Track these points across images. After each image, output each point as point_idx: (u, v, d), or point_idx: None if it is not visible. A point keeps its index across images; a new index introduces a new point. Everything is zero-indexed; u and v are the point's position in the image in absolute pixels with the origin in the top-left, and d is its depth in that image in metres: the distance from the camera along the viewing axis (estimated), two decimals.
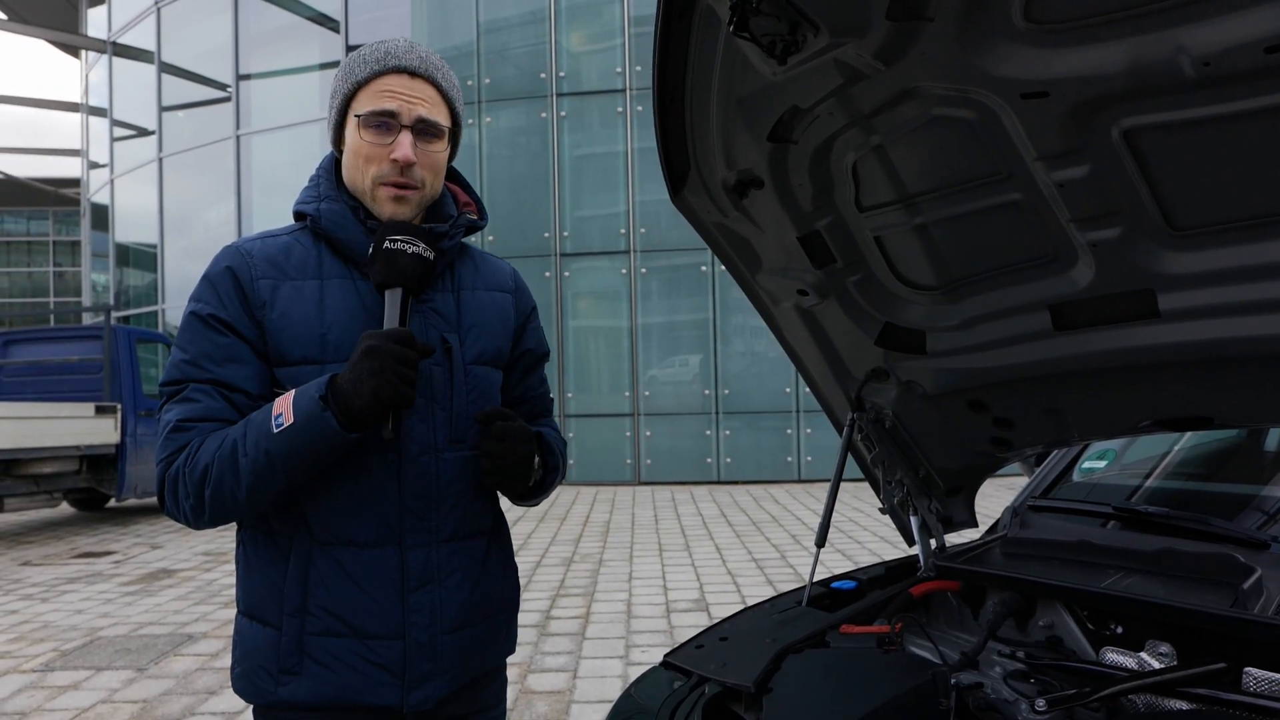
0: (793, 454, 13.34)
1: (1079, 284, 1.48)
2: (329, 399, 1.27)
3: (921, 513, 2.03)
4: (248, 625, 1.44)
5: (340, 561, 1.38)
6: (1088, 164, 1.29)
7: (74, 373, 10.67)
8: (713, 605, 6.01)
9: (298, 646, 1.38)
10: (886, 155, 1.49)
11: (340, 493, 1.39)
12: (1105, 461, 2.20)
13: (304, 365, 1.38)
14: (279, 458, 1.28)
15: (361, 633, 1.38)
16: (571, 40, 14.20)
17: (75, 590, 7.06)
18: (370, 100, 1.42)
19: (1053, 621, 1.69)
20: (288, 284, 1.42)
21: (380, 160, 1.42)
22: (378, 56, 1.43)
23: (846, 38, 1.26)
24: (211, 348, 1.38)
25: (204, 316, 1.39)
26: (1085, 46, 1.15)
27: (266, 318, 1.39)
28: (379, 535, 1.40)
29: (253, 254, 1.43)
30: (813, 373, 2.00)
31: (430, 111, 1.44)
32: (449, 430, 1.45)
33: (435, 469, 1.44)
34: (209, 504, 1.32)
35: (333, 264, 1.45)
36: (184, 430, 1.35)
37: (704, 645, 1.71)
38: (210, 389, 1.36)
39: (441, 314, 1.49)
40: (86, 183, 24.25)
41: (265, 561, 1.42)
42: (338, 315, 1.41)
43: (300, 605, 1.38)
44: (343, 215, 1.46)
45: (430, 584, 1.43)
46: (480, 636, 1.50)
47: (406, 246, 1.36)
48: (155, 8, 19.03)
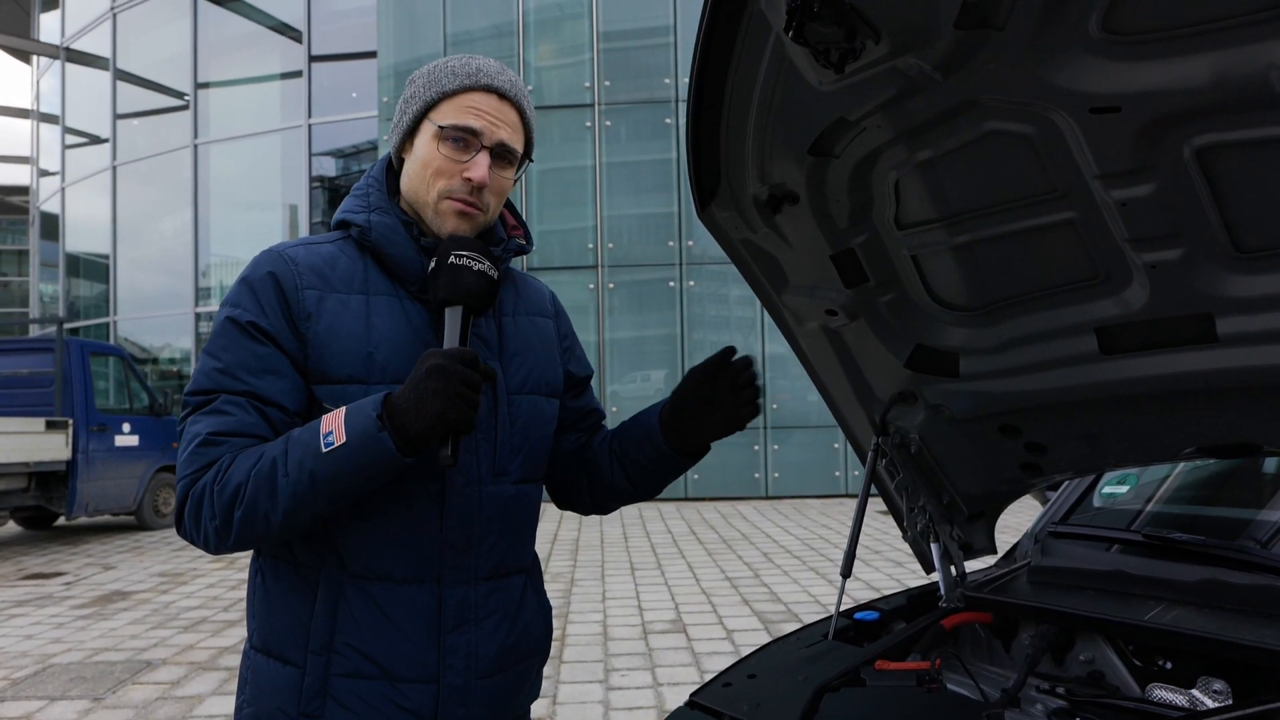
0: (760, 470, 13.32)
1: (1131, 306, 1.42)
2: (385, 419, 1.18)
3: (944, 540, 1.96)
4: (264, 662, 1.33)
5: (374, 597, 1.29)
6: (1153, 182, 1.24)
7: (23, 386, 10.30)
8: (690, 626, 5.91)
9: (321, 688, 1.28)
10: (933, 171, 1.42)
11: (378, 523, 1.30)
12: (1127, 486, 2.16)
13: (349, 384, 1.29)
14: (324, 480, 1.18)
15: (392, 675, 1.29)
16: (539, 54, 14.14)
17: (24, 614, 6.75)
18: (455, 113, 1.35)
19: (1094, 655, 1.63)
20: (333, 296, 1.33)
21: (452, 175, 1.35)
22: (469, 71, 1.37)
23: (909, 47, 1.19)
24: (248, 357, 1.27)
25: (242, 323, 1.28)
26: (1166, 60, 1.10)
27: (311, 330, 1.30)
28: (417, 571, 1.31)
29: (298, 261, 1.34)
30: (835, 395, 1.93)
31: (511, 137, 1.38)
32: (493, 461, 1.38)
33: (478, 502, 1.35)
34: (237, 526, 1.20)
35: (379, 280, 1.37)
36: (214, 444, 1.23)
37: (732, 683, 1.63)
38: (244, 401, 1.26)
39: (484, 341, 1.41)
40: (36, 191, 23.61)
41: (288, 593, 1.32)
42: (386, 334, 1.32)
43: (327, 643, 1.28)
44: (394, 230, 1.37)
45: (467, 625, 1.34)
46: (512, 682, 1.42)
47: (473, 263, 1.29)
48: (111, 14, 18.63)
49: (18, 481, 9.46)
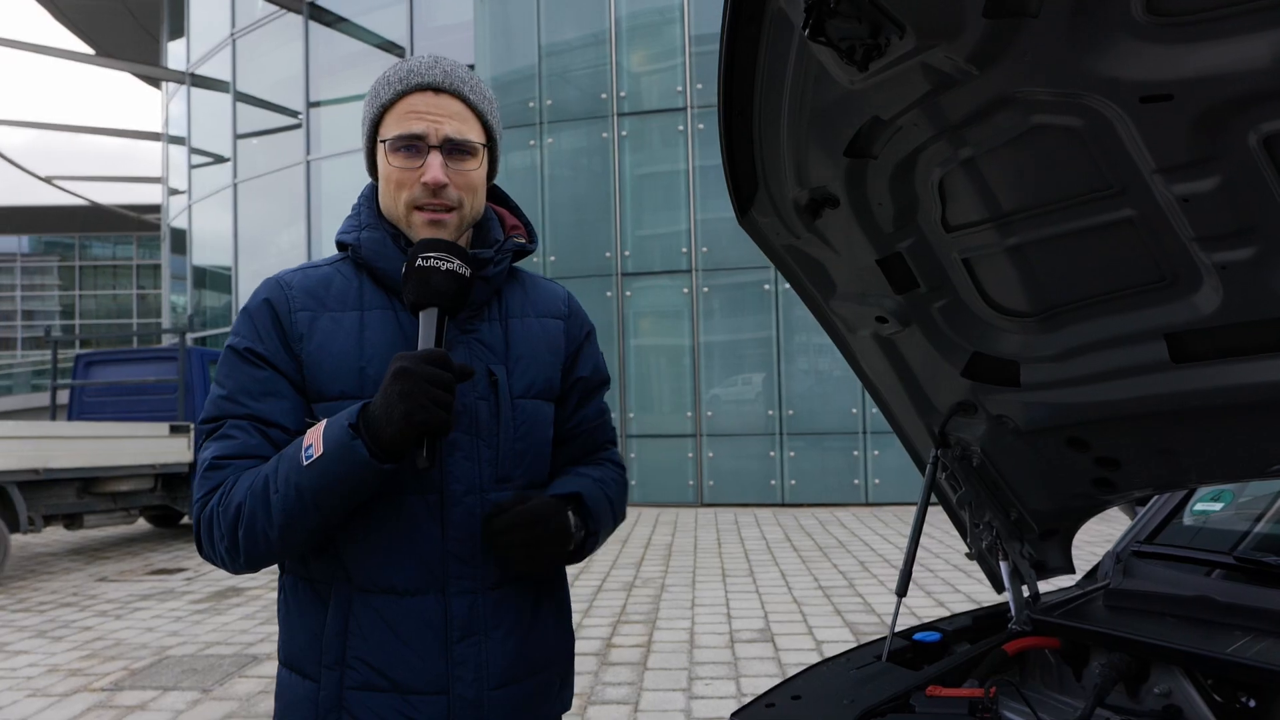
0: (860, 476, 13.01)
1: (1202, 311, 1.31)
2: (359, 427, 1.19)
3: (1013, 558, 1.85)
4: (287, 677, 1.36)
5: (379, 610, 1.30)
6: (1217, 175, 1.13)
7: (151, 393, 10.97)
8: (778, 635, 5.81)
9: (336, 701, 1.30)
10: (978, 169, 1.34)
11: (378, 536, 1.30)
12: (1222, 503, 2.00)
13: (342, 400, 1.29)
14: (309, 492, 1.20)
15: (402, 687, 1.29)
16: (632, 60, 14.20)
17: (147, 607, 7.18)
18: (396, 124, 1.35)
19: (1170, 688, 1.51)
20: (326, 316, 1.35)
21: (411, 184, 1.35)
22: (400, 76, 1.36)
23: (936, 40, 1.12)
24: (248, 382, 1.32)
25: (240, 351, 1.33)
26: (1220, 41, 1.00)
27: (304, 351, 1.33)
28: (420, 582, 1.31)
29: (291, 285, 1.37)
30: (892, 405, 1.84)
31: (458, 129, 1.36)
32: (495, 469, 1.36)
33: (481, 510, 1.34)
34: (243, 545, 1.24)
35: (374, 294, 1.38)
36: (219, 468, 1.28)
37: (775, 704, 1.57)
38: (247, 425, 1.30)
39: (488, 345, 1.40)
40: (166, 208, 25.13)
41: (305, 609, 1.34)
42: (378, 348, 1.33)
43: (339, 657, 1.30)
44: (382, 243, 1.38)
45: (476, 635, 1.33)
46: (530, 693, 1.39)
47: (440, 263, 1.28)
48: (231, 39, 19.66)
49: (146, 482, 10.08)
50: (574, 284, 14.01)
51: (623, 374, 13.75)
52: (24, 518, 8.57)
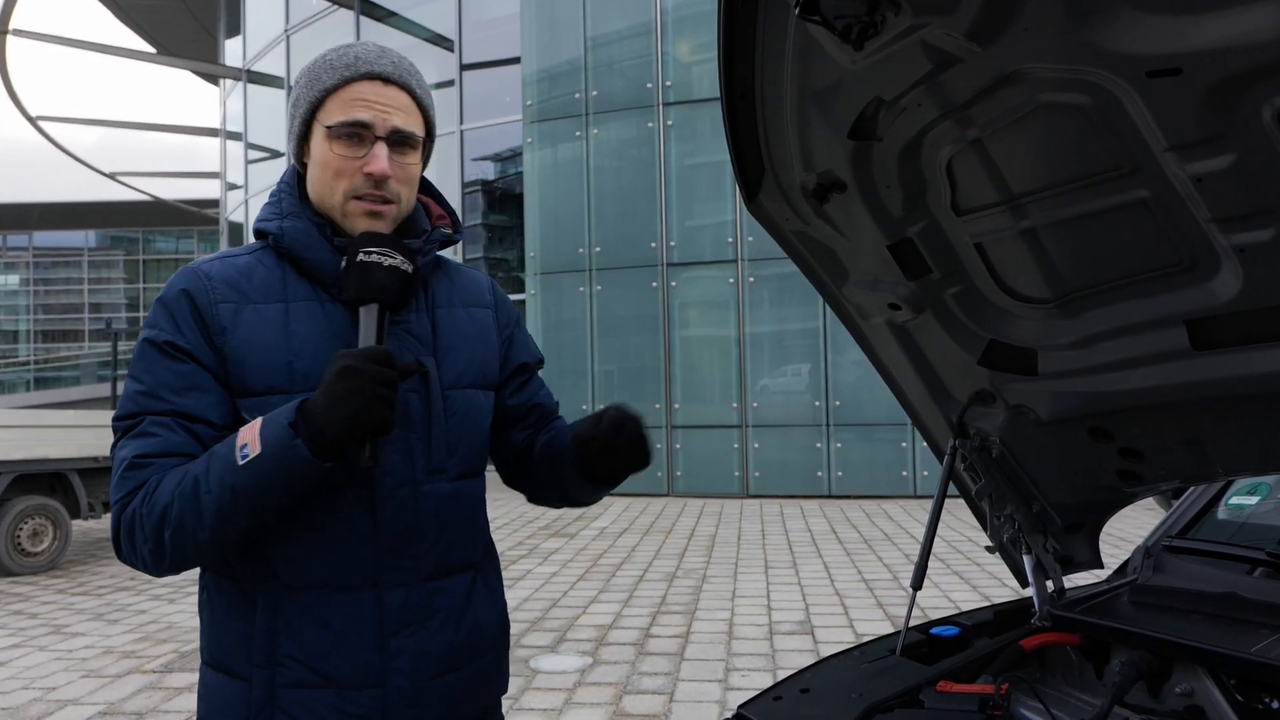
0: (908, 468, 12.83)
1: (1222, 296, 1.25)
2: (299, 425, 1.15)
3: (1036, 551, 1.80)
4: (213, 677, 1.33)
5: (311, 607, 1.27)
6: (1232, 153, 1.08)
7: None
8: (818, 629, 5.76)
9: (269, 700, 1.27)
10: (986, 151, 1.30)
11: (309, 533, 1.27)
12: (1258, 497, 1.92)
13: (270, 395, 1.26)
14: (245, 493, 1.16)
15: (337, 682, 1.27)
16: (679, 50, 14.13)
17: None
18: (341, 109, 1.30)
19: (1193, 688, 1.45)
20: (250, 308, 1.30)
21: (352, 174, 1.30)
22: (347, 62, 1.31)
23: (932, 16, 1.09)
24: (170, 376, 1.26)
25: (160, 344, 1.27)
26: (1227, 10, 0.95)
27: (227, 344, 1.28)
28: (353, 577, 1.28)
29: (211, 276, 1.32)
30: (909, 394, 1.81)
31: (405, 121, 1.33)
32: (427, 460, 1.34)
33: (414, 503, 1.32)
34: (169, 548, 1.19)
35: (298, 285, 1.34)
36: (140, 467, 1.22)
37: (783, 697, 1.55)
38: (169, 421, 1.24)
39: (416, 336, 1.37)
40: (224, 203, 25.74)
41: (230, 609, 1.31)
42: (306, 341, 1.29)
43: (269, 656, 1.27)
44: (307, 233, 1.34)
45: (412, 626, 1.31)
46: (468, 679, 1.38)
47: (383, 259, 1.25)
48: (285, 35, 20.04)
49: None
50: (620, 275, 14.07)
51: (669, 365, 13.74)
52: (84, 504, 8.91)
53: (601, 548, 9.04)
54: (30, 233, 53.65)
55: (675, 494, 13.43)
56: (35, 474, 8.60)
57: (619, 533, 10.03)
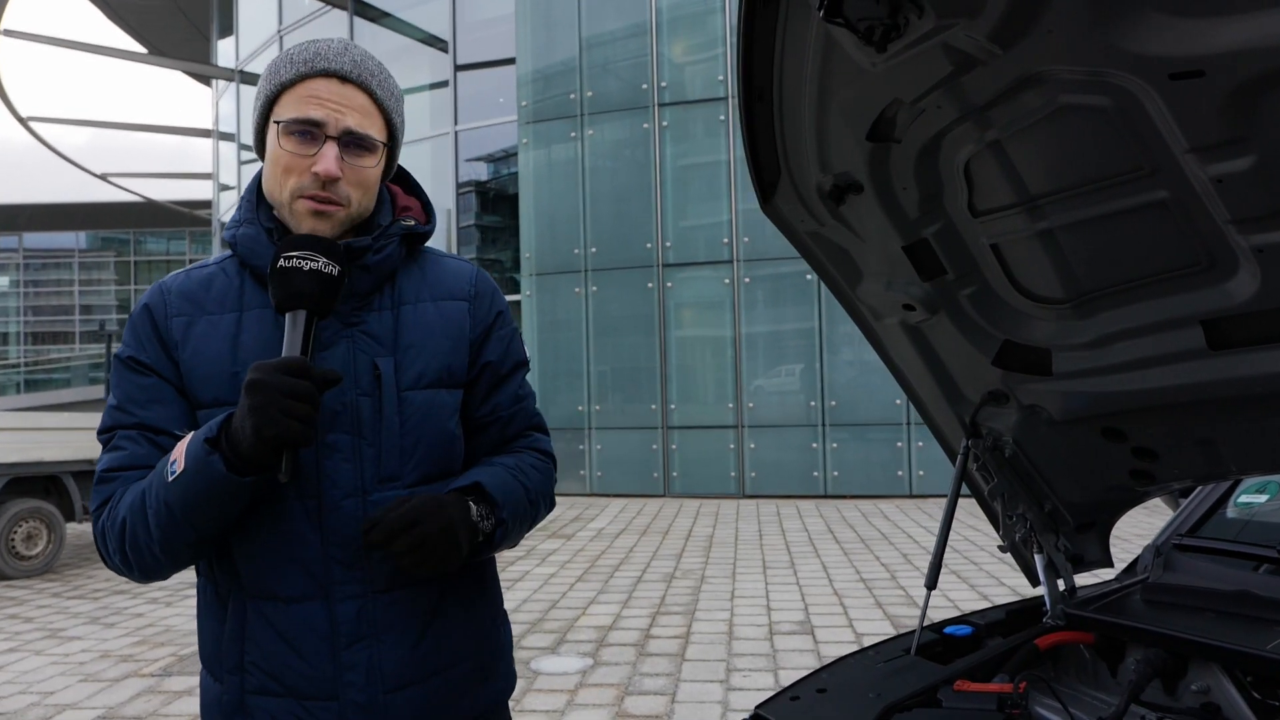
0: (903, 468, 12.85)
1: (1240, 296, 1.26)
2: (219, 440, 1.16)
3: (1048, 550, 1.81)
4: (204, 677, 1.37)
5: (268, 617, 1.27)
6: (1252, 155, 1.09)
7: None
8: (818, 628, 5.77)
9: (239, 704, 1.29)
10: (1004, 152, 1.30)
11: (261, 543, 1.27)
12: (1267, 495, 1.93)
13: (217, 407, 1.25)
14: (177, 507, 1.17)
15: (296, 693, 1.27)
16: (674, 50, 14.14)
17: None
18: (293, 106, 1.27)
19: (1209, 685, 1.46)
20: (203, 320, 1.31)
21: (301, 172, 1.27)
22: (305, 58, 1.28)
23: (956, 18, 1.09)
24: (134, 390, 1.29)
25: (125, 359, 1.31)
26: (1252, 14, 0.96)
27: (180, 358, 1.29)
28: (303, 589, 1.27)
29: (171, 290, 1.34)
30: (921, 395, 1.81)
31: (360, 123, 1.29)
32: (378, 468, 1.30)
33: (362, 513, 1.27)
34: (132, 559, 1.23)
35: (255, 294, 1.32)
36: (108, 481, 1.27)
37: (800, 697, 1.55)
38: (135, 434, 1.28)
39: (374, 336, 1.33)
40: (217, 203, 25.64)
41: (208, 613, 1.33)
42: (253, 350, 1.27)
43: (238, 662, 1.28)
44: (256, 239, 1.32)
45: (365, 640, 1.28)
46: (438, 691, 1.34)
47: (303, 263, 1.21)
48: (278, 35, 19.98)
49: None
50: (616, 276, 14.07)
51: (664, 365, 13.74)
52: (79, 506, 8.87)
53: (599, 549, 9.04)
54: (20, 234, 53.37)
55: (671, 494, 13.44)
56: (29, 477, 8.57)
57: (616, 533, 10.03)
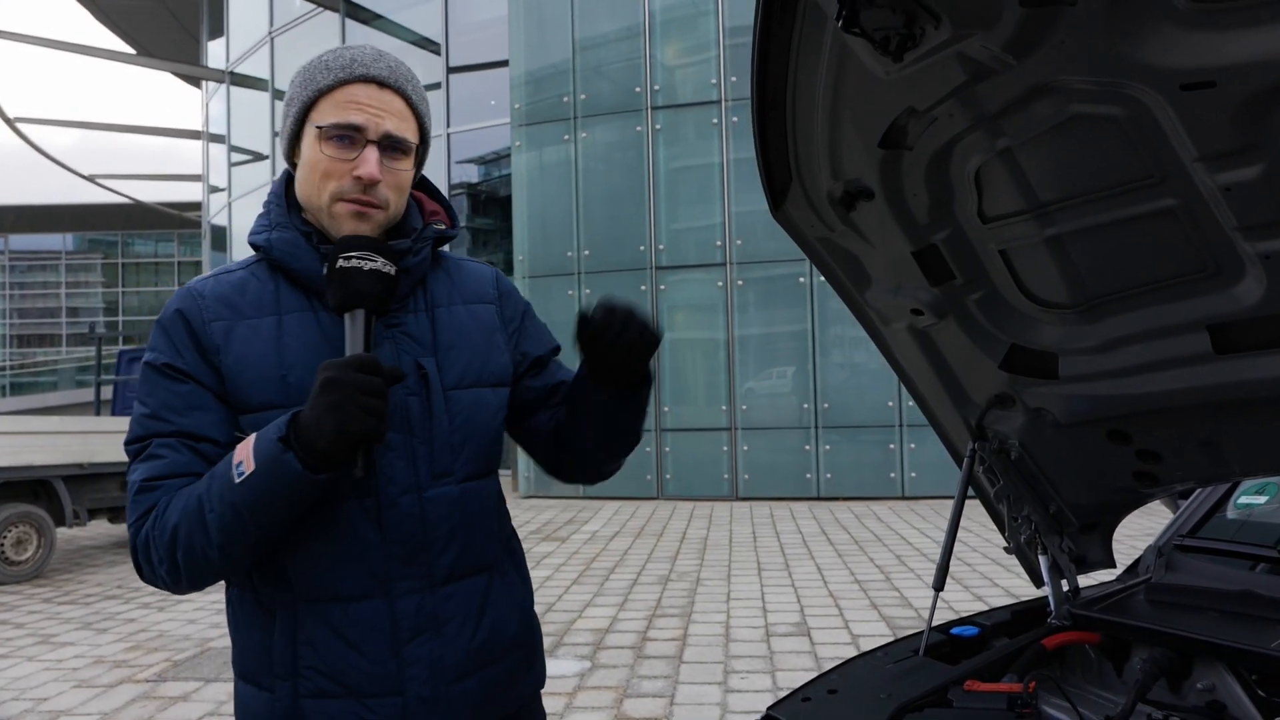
0: (896, 470, 12.91)
1: (1245, 301, 1.29)
2: (291, 439, 1.15)
3: (1052, 552, 1.84)
4: (244, 689, 1.34)
5: (326, 618, 1.27)
6: (1260, 164, 1.11)
7: None
8: (814, 630, 5.79)
9: (293, 710, 1.28)
10: (1015, 160, 1.33)
11: (318, 545, 1.27)
12: (1266, 496, 1.96)
13: (267, 411, 1.25)
14: (245, 509, 1.16)
15: (356, 691, 1.27)
16: (666, 53, 14.18)
17: (190, 600, 7.31)
18: (333, 111, 1.29)
19: (1214, 684, 1.49)
20: (243, 324, 1.30)
21: (341, 176, 1.29)
22: (343, 64, 1.30)
23: (972, 29, 1.11)
24: (171, 398, 1.27)
25: (159, 366, 1.29)
26: (1263, 27, 0.98)
27: (222, 363, 1.28)
28: (363, 587, 1.28)
29: (205, 294, 1.32)
30: (928, 398, 1.83)
31: (398, 127, 1.31)
32: (431, 465, 1.32)
33: (419, 509, 1.30)
34: (184, 567, 1.21)
35: (291, 296, 1.33)
36: (150, 490, 1.24)
37: (811, 699, 1.57)
38: (175, 442, 1.25)
39: (414, 337, 1.35)
40: (207, 206, 25.57)
41: (252, 622, 1.32)
42: (299, 353, 1.29)
43: (291, 668, 1.28)
44: (294, 243, 1.33)
45: (426, 633, 1.30)
46: (493, 681, 1.37)
47: (363, 263, 1.22)
48: (269, 37, 19.94)
49: None
50: (608, 278, 14.07)
51: (658, 368, 13.74)
52: (69, 511, 8.80)
53: (593, 551, 9.04)
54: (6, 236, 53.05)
55: (665, 497, 13.46)
56: (18, 481, 8.50)
57: (610, 536, 10.04)
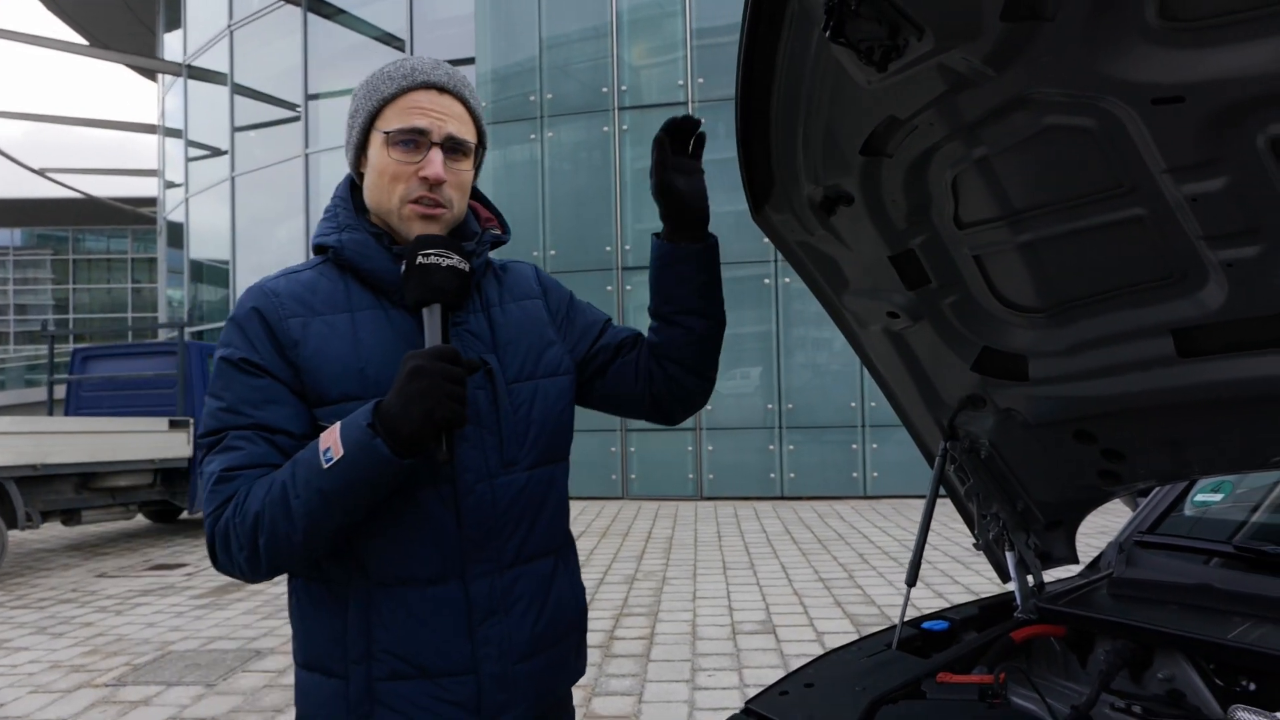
0: (858, 470, 13.07)
1: (1208, 306, 1.34)
2: (377, 426, 1.21)
3: (1019, 548, 1.89)
4: (309, 678, 1.38)
5: (402, 601, 1.33)
6: (1225, 176, 1.16)
7: (149, 388, 10.96)
8: (780, 627, 5.86)
9: (367, 694, 1.32)
10: (991, 168, 1.37)
11: (396, 530, 1.33)
12: (1221, 494, 2.04)
13: (345, 402, 1.31)
14: (333, 494, 1.22)
15: (431, 672, 1.33)
16: (633, 54, 14.21)
17: (148, 603, 7.20)
18: (398, 117, 1.37)
19: (1173, 674, 1.54)
20: (318, 320, 1.37)
21: (408, 179, 1.37)
22: (404, 72, 1.39)
23: (955, 42, 1.15)
24: (247, 391, 1.32)
25: (235, 361, 1.34)
26: (1230, 45, 1.03)
27: (299, 357, 1.34)
28: (440, 570, 1.34)
29: (279, 292, 1.38)
30: (901, 399, 1.88)
31: (459, 129, 1.40)
32: (500, 454, 1.40)
33: (491, 496, 1.38)
34: (264, 553, 1.25)
35: (361, 295, 1.40)
36: (229, 480, 1.28)
37: (789, 692, 1.61)
38: (251, 434, 1.30)
39: (476, 335, 1.43)
40: (163, 201, 25.07)
41: (322, 610, 1.37)
42: (374, 348, 1.36)
43: (365, 651, 1.33)
44: (366, 244, 1.40)
45: (497, 614, 1.37)
46: (552, 662, 1.45)
47: (441, 260, 1.31)
48: (228, 31, 19.61)
49: (144, 478, 10.10)
50: (574, 278, 14.03)
51: None
52: (21, 514, 8.56)
53: None
54: None
55: (630, 497, 13.49)
56: None
57: (576, 536, 10.00)
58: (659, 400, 1.63)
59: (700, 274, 1.56)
